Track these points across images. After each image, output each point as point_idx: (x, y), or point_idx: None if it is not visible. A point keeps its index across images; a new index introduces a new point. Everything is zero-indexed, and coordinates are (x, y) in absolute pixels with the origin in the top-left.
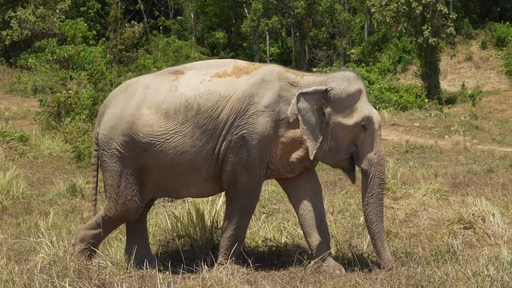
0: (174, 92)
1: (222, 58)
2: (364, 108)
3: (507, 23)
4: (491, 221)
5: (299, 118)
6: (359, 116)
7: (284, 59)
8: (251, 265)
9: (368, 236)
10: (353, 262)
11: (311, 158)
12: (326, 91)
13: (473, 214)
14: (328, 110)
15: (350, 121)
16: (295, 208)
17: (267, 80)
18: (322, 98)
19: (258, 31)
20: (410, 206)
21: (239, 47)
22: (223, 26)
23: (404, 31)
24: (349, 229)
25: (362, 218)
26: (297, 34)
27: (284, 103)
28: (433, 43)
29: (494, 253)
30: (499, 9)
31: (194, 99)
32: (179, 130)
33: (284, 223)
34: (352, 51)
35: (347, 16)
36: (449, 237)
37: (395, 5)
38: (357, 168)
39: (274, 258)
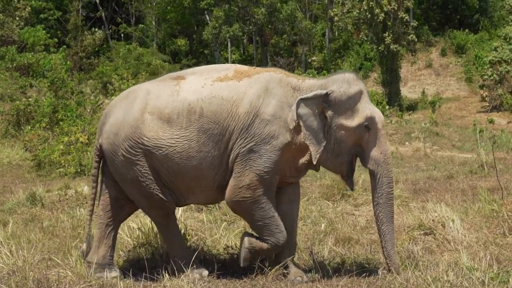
0: (176, 96)
1: (184, 65)
2: (366, 109)
3: (466, 30)
4: (451, 227)
5: (301, 123)
6: (361, 117)
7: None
8: (214, 271)
9: (379, 238)
10: (315, 269)
11: (314, 162)
12: (326, 94)
13: (433, 220)
14: (330, 113)
15: (352, 122)
16: None
17: (270, 88)
18: (323, 102)
19: (219, 39)
20: (371, 212)
21: (200, 54)
22: (184, 33)
23: (365, 38)
24: (310, 236)
25: (323, 225)
26: (259, 41)
27: (289, 109)
28: (394, 50)
29: (453, 258)
30: (458, 16)
31: (196, 103)
32: (184, 134)
33: (245, 230)
34: (314, 58)
35: (308, 24)
36: (409, 243)
37: (357, 11)
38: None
39: (236, 265)
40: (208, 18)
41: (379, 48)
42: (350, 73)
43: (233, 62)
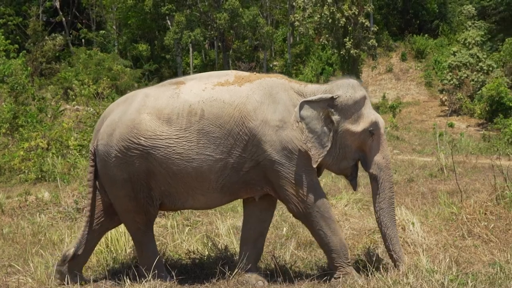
0: (176, 98)
1: (145, 70)
2: (371, 114)
3: (426, 35)
4: (411, 230)
5: (303, 126)
6: (366, 122)
7: (207, 71)
8: (174, 278)
9: (383, 243)
10: (276, 273)
11: (314, 166)
12: (332, 99)
13: None
14: (336, 117)
15: (358, 127)
16: (244, 214)
17: (273, 93)
18: (328, 106)
19: (181, 43)
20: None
21: (162, 60)
22: (146, 38)
23: (326, 43)
24: (272, 240)
25: (285, 229)
26: (220, 46)
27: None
28: (355, 55)
29: (413, 261)
30: (418, 22)
31: (197, 105)
32: (183, 135)
33: (207, 235)
34: (275, 63)
35: (269, 29)
36: (370, 246)
37: (318, 16)
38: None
39: (198, 270)
40: (169, 23)
41: (340, 52)
42: (353, 79)
43: (194, 67)
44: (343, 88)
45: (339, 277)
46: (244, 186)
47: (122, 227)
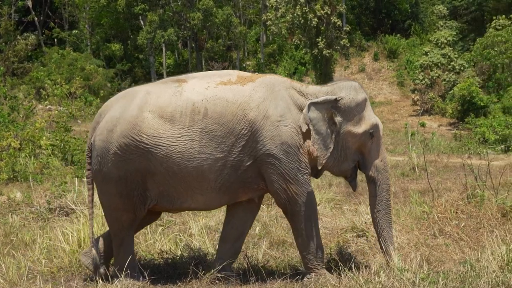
0: (179, 96)
1: (118, 70)
2: (372, 116)
3: (398, 35)
4: None
5: (311, 127)
6: (367, 124)
7: (180, 71)
8: (147, 278)
9: (379, 244)
10: (248, 272)
11: (319, 167)
12: (336, 100)
13: (365, 223)
14: (338, 119)
15: (359, 129)
16: (227, 213)
17: (276, 90)
18: (331, 107)
19: (154, 43)
20: None
21: (135, 59)
22: (119, 38)
23: (299, 42)
24: (245, 239)
25: (257, 229)
26: (193, 46)
27: (296, 111)
28: (328, 55)
29: (385, 260)
30: (390, 21)
31: (201, 103)
32: (186, 134)
33: (180, 235)
34: (248, 63)
35: (243, 29)
36: (342, 245)
37: (291, 16)
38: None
39: (170, 270)
40: (142, 23)
41: (313, 52)
42: (354, 81)
43: (167, 67)
44: (346, 90)
45: (312, 277)
46: (242, 186)
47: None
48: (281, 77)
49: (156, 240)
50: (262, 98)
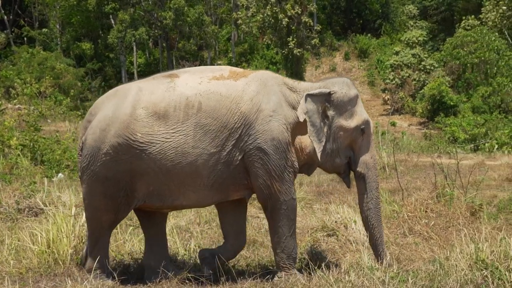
0: (172, 91)
1: (89, 69)
2: (363, 112)
3: (369, 35)
4: (353, 228)
5: (307, 119)
6: (359, 119)
7: (151, 71)
8: (117, 278)
9: (370, 242)
10: (219, 272)
11: (319, 159)
12: (329, 94)
13: (336, 222)
14: (331, 113)
15: (351, 124)
16: (219, 214)
17: (269, 85)
18: (325, 101)
19: (125, 42)
20: None
21: (106, 58)
22: (89, 37)
23: (270, 42)
24: (216, 239)
25: None
26: (164, 45)
27: (287, 107)
28: (298, 54)
29: (355, 259)
30: (361, 21)
31: (195, 97)
32: (180, 129)
33: None
34: (219, 62)
35: (214, 28)
36: (313, 245)
37: (261, 16)
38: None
39: (140, 270)
40: (113, 22)
41: (284, 52)
42: (346, 77)
43: (138, 66)
44: (338, 85)
45: (282, 276)
46: (233, 183)
47: (63, 229)
48: (274, 73)
49: (126, 240)
50: (255, 92)
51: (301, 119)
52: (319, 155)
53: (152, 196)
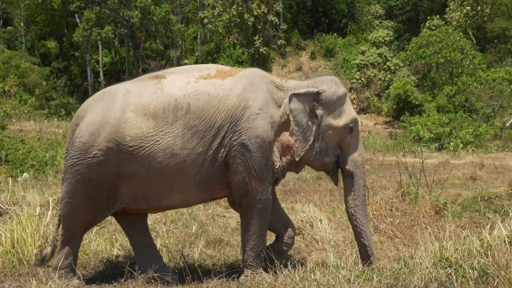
0: (160, 93)
1: (54, 68)
2: (352, 111)
3: (335, 34)
4: (319, 227)
5: (291, 118)
6: (347, 118)
7: (117, 70)
8: (81, 278)
9: (356, 239)
10: (185, 271)
11: (297, 159)
12: (318, 93)
13: (301, 221)
14: (320, 112)
15: (340, 122)
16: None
17: (256, 83)
18: (313, 100)
19: (90, 41)
20: None
21: (71, 57)
22: (54, 35)
23: (236, 41)
24: (181, 238)
25: (194, 228)
26: (130, 44)
27: (273, 106)
28: (265, 53)
29: (321, 257)
30: (327, 21)
31: (183, 98)
32: (169, 130)
33: (116, 235)
34: (186, 61)
35: (181, 27)
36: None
37: (227, 15)
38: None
39: (106, 270)
40: (78, 21)
41: (250, 51)
42: (334, 75)
43: (104, 65)
44: (327, 84)
45: (248, 275)
46: (218, 181)
47: (28, 229)
48: (261, 71)
49: (91, 240)
50: (242, 89)
51: (282, 119)
52: (301, 154)
53: (137, 199)
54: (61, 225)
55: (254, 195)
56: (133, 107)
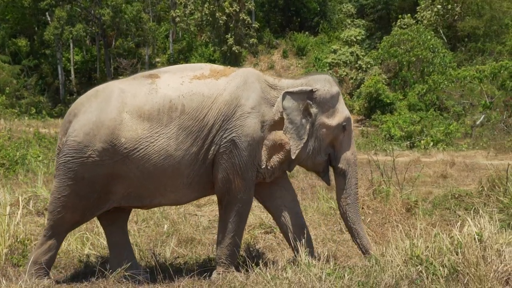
0: (155, 94)
1: (24, 66)
2: (345, 109)
3: (307, 33)
4: None
5: (284, 116)
6: (341, 117)
7: (88, 68)
8: (52, 278)
9: (352, 236)
10: (156, 270)
11: (293, 157)
12: (311, 91)
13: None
14: (314, 110)
15: (333, 121)
16: (275, 217)
17: (249, 82)
18: (307, 98)
19: (61, 39)
20: (214, 212)
21: (42, 55)
22: (25, 33)
23: (208, 40)
24: (153, 237)
25: (166, 226)
26: (102, 42)
27: (266, 105)
28: (236, 52)
29: (293, 256)
30: (299, 19)
31: (178, 100)
32: (164, 132)
33: (87, 234)
34: (157, 59)
35: (152, 25)
36: (250, 242)
37: (199, 14)
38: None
39: (77, 269)
40: (49, 19)
41: (222, 49)
42: (327, 74)
43: (75, 63)
44: (321, 82)
45: (220, 273)
46: (208, 179)
47: None
48: (255, 70)
49: None
50: (235, 87)
51: (276, 118)
52: (296, 152)
53: (129, 198)
54: (46, 220)
55: (236, 194)
56: (129, 108)
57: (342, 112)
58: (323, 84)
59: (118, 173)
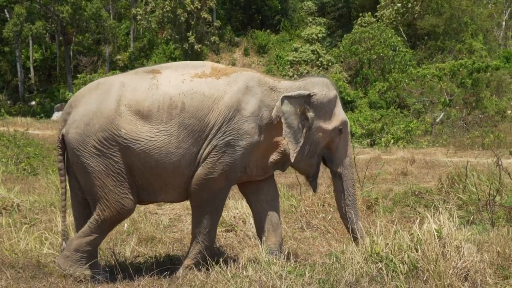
0: (155, 90)
1: None
2: (342, 113)
3: (268, 31)
4: (251, 223)
5: (283, 120)
6: (337, 120)
7: (48, 65)
8: (10, 277)
9: (351, 236)
10: (116, 269)
11: (292, 161)
12: (309, 96)
13: (234, 217)
14: (311, 114)
15: (330, 125)
16: (253, 211)
17: (250, 86)
18: (305, 102)
19: (21, 36)
20: (174, 211)
21: (0, 53)
22: None
23: (169, 37)
24: (113, 236)
25: (126, 225)
26: (62, 39)
27: (265, 109)
28: (198, 50)
29: (253, 254)
30: (260, 17)
31: (178, 97)
32: (164, 129)
33: (46, 233)
34: (118, 57)
35: (112, 23)
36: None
37: (160, 11)
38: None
39: (35, 269)
40: (8, 15)
41: (183, 47)
42: (325, 77)
43: (34, 61)
44: (319, 86)
45: (186, 266)
46: None
47: None
48: (255, 73)
49: (20, 239)
50: (236, 91)
51: (275, 122)
52: (294, 155)
53: (142, 191)
54: (94, 212)
55: (216, 191)
56: (127, 102)
57: (338, 115)
58: (321, 88)
59: (127, 161)
